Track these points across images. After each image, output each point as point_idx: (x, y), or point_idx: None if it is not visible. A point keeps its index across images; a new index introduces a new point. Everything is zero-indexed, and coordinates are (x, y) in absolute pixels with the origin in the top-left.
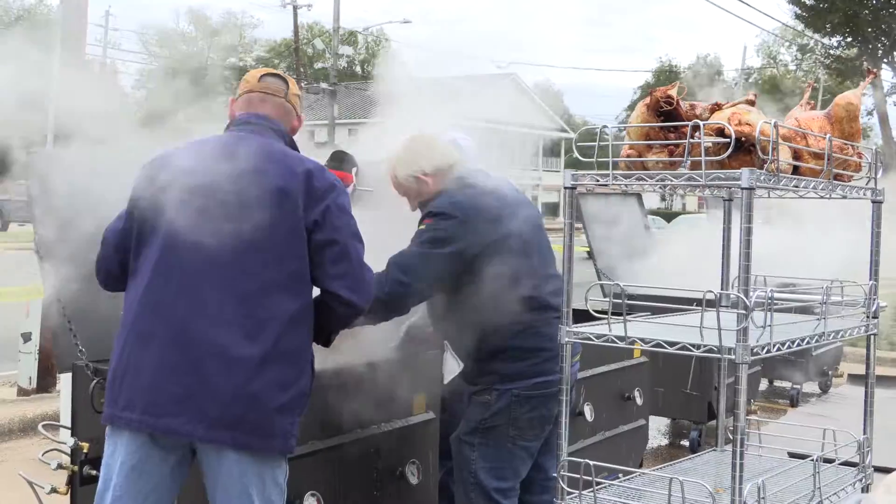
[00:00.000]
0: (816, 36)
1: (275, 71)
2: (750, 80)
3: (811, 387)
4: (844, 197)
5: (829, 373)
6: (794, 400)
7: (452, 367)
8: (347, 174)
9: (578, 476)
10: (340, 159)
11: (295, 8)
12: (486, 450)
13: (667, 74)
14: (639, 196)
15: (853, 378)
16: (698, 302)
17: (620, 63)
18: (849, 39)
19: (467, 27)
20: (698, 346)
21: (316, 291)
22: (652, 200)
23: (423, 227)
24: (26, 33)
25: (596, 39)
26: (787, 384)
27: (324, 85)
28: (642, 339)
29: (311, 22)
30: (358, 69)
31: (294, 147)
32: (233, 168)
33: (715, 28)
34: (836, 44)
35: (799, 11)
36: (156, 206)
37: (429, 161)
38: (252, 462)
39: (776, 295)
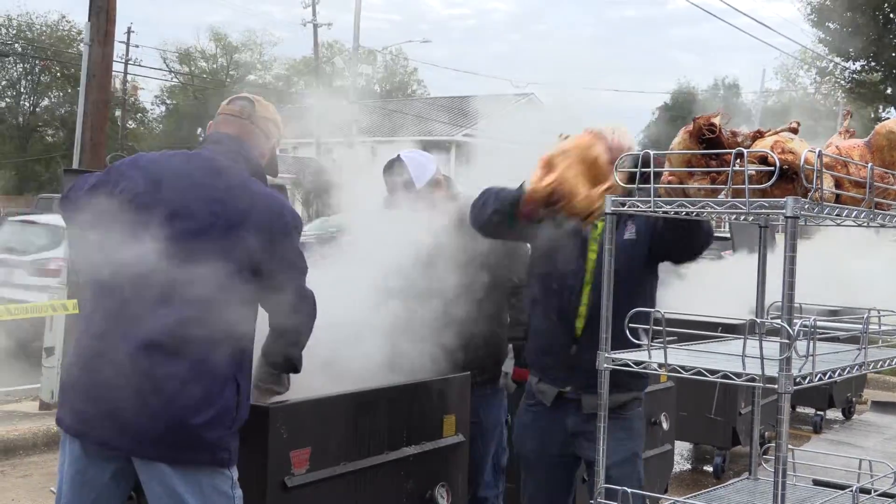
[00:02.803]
0: (839, 59)
1: (246, 94)
2: (769, 104)
3: (833, 412)
4: (883, 226)
5: (853, 399)
6: (818, 426)
7: None
8: None
9: None
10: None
11: (315, 26)
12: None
13: (685, 97)
14: None
15: (877, 405)
16: (724, 328)
17: (638, 84)
18: (872, 64)
19: (485, 47)
20: (740, 375)
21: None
22: None
23: (634, 237)
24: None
25: (613, 60)
26: (809, 410)
27: (343, 103)
28: (682, 367)
29: (330, 40)
30: (376, 87)
31: (257, 164)
32: (178, 182)
33: (734, 50)
34: (859, 68)
35: (823, 35)
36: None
37: None
38: (184, 473)
39: (819, 323)
